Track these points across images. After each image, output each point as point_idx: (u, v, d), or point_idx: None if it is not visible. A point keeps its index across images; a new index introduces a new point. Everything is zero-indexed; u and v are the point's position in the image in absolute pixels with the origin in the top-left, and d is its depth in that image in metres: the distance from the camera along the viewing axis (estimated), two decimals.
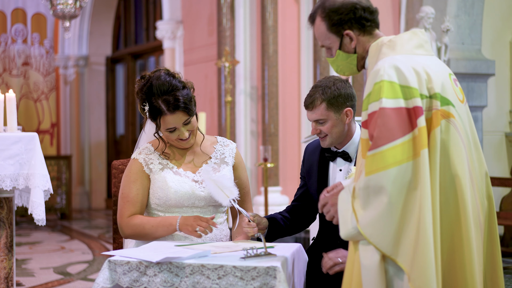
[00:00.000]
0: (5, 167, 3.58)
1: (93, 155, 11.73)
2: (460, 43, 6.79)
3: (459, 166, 2.30)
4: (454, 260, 2.29)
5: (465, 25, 6.78)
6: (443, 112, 2.32)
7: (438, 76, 2.36)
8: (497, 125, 7.32)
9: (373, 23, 2.49)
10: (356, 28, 2.48)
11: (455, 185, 2.29)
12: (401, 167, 2.21)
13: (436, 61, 2.45)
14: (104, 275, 2.56)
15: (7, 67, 10.88)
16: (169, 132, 2.98)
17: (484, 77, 6.88)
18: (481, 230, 2.37)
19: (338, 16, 2.46)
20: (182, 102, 2.94)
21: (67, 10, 7.55)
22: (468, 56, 6.77)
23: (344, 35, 2.48)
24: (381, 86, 2.29)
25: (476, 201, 2.36)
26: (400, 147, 2.23)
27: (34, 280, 5.97)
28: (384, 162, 2.21)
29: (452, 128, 2.32)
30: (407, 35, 2.46)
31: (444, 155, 2.29)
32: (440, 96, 2.33)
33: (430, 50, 2.48)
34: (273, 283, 2.40)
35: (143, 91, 3.00)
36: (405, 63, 2.33)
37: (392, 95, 2.27)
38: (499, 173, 7.25)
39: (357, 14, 2.46)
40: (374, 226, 2.22)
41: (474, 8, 6.79)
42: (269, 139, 7.46)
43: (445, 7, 6.67)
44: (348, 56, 2.52)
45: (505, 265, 6.30)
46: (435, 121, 2.29)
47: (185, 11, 9.16)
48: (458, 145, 2.32)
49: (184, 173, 3.04)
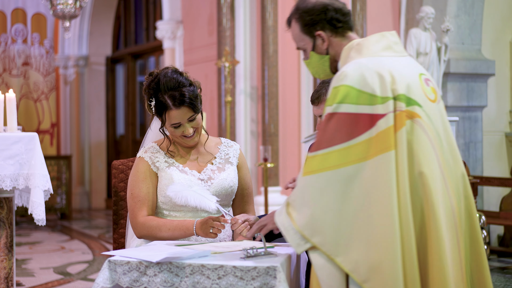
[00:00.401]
0: (5, 167, 3.59)
1: (93, 155, 11.73)
2: (460, 43, 6.79)
3: (426, 165, 2.33)
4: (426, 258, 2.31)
5: (465, 25, 6.78)
6: (408, 113, 2.35)
7: (403, 77, 2.40)
8: (497, 125, 7.32)
9: (345, 25, 2.54)
10: (328, 29, 2.53)
11: (422, 183, 2.32)
12: (341, 171, 2.29)
13: (405, 62, 2.48)
14: (104, 275, 2.56)
15: (7, 67, 10.88)
16: (174, 128, 3.00)
17: (484, 77, 6.88)
18: (456, 229, 2.37)
19: (309, 16, 2.52)
20: (188, 98, 2.97)
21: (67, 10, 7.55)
22: (468, 56, 6.77)
23: (316, 35, 2.54)
24: (338, 91, 2.35)
25: (451, 200, 2.38)
26: (344, 151, 2.30)
27: (34, 280, 5.97)
28: (322, 164, 2.30)
29: (418, 128, 2.36)
30: (374, 38, 2.51)
31: (410, 154, 2.33)
32: (404, 97, 2.36)
33: (401, 51, 2.51)
34: (273, 283, 2.40)
35: (150, 87, 3.02)
36: (368, 67, 2.38)
37: (346, 100, 2.33)
38: (499, 173, 7.25)
39: (328, 15, 2.52)
40: (311, 224, 2.31)
41: (474, 8, 6.79)
42: (269, 139, 7.46)
43: (445, 7, 6.67)
44: (321, 58, 2.57)
45: (505, 265, 6.30)
46: (399, 122, 2.33)
47: (185, 11, 9.16)
48: (424, 145, 2.35)
49: (190, 171, 3.06)
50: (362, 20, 6.85)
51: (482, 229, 5.58)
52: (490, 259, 6.54)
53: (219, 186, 3.05)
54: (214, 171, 3.09)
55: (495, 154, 7.29)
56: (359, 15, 6.83)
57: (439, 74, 6.41)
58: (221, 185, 3.06)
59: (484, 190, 7.00)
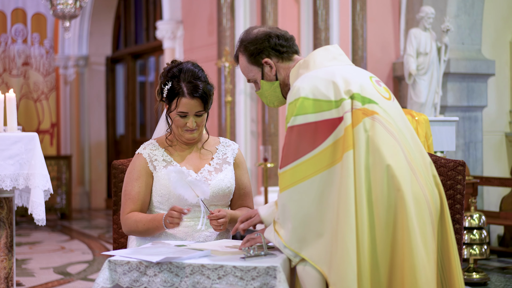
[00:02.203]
0: (5, 167, 3.59)
1: (93, 155, 11.73)
2: (460, 43, 6.79)
3: (391, 158, 2.38)
4: (396, 249, 2.35)
5: (465, 25, 6.78)
6: (365, 110, 2.42)
7: (355, 79, 2.48)
8: (497, 125, 7.32)
9: (289, 49, 2.66)
10: (273, 55, 2.65)
11: (390, 175, 2.36)
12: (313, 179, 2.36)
13: (352, 69, 2.57)
14: (104, 275, 2.56)
15: (7, 67, 10.88)
16: (180, 116, 3.02)
17: (484, 77, 6.88)
18: (431, 218, 2.42)
19: (254, 46, 2.65)
20: (203, 92, 3.00)
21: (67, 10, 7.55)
22: (468, 56, 6.78)
23: (263, 63, 2.65)
24: (294, 105, 2.44)
25: (423, 190, 2.42)
26: (312, 160, 2.37)
27: (34, 280, 5.98)
28: (294, 178, 2.37)
29: (377, 124, 2.41)
30: (318, 52, 2.62)
31: (374, 149, 2.38)
32: (359, 96, 2.44)
33: (346, 61, 2.61)
34: (273, 283, 2.40)
35: (170, 72, 3.06)
36: (319, 77, 2.47)
37: (302, 111, 2.41)
38: (499, 173, 7.25)
39: (272, 42, 2.64)
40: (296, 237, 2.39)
41: (474, 8, 6.80)
42: (269, 139, 7.46)
43: (445, 7, 6.67)
44: (271, 85, 2.67)
45: (505, 265, 6.30)
46: (356, 120, 2.40)
47: (185, 11, 9.16)
48: (386, 139, 2.41)
49: (187, 171, 3.06)
50: (362, 20, 6.85)
51: (482, 229, 5.58)
52: (490, 259, 6.54)
53: (216, 187, 3.05)
54: (211, 172, 3.09)
55: (495, 154, 7.29)
56: (359, 15, 6.83)
57: (439, 74, 6.41)
58: (218, 186, 3.05)
59: (484, 190, 7.01)
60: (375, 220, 2.34)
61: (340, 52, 2.62)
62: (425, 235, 2.36)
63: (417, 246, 2.32)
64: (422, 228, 2.36)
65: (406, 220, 2.33)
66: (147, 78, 11.34)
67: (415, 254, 2.31)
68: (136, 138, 11.34)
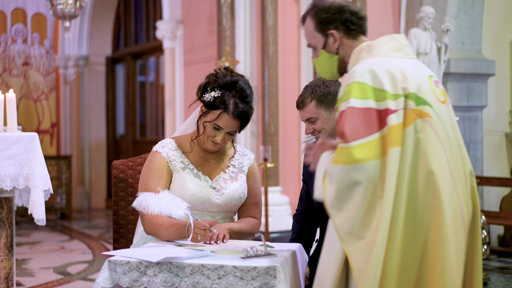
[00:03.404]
0: (5, 167, 3.59)
1: (93, 155, 11.73)
2: (460, 43, 6.79)
3: (435, 164, 2.35)
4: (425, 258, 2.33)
5: (465, 25, 6.78)
6: (418, 112, 2.38)
7: (414, 78, 2.43)
8: (497, 125, 7.32)
9: (358, 28, 2.59)
10: (341, 29, 2.57)
11: (432, 181, 2.34)
12: (366, 164, 2.30)
13: (415, 64, 2.52)
14: (104, 275, 2.56)
15: (7, 67, 10.88)
16: (213, 127, 2.98)
17: (484, 77, 6.88)
18: (464, 230, 2.40)
19: (325, 14, 2.57)
20: (245, 116, 2.98)
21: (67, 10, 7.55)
22: (468, 56, 6.77)
23: (328, 34, 2.57)
24: (351, 87, 2.38)
25: (460, 201, 2.40)
26: (368, 145, 2.31)
27: (34, 280, 5.98)
28: (351, 157, 2.30)
29: (428, 127, 2.38)
30: (384, 39, 2.56)
31: (421, 152, 2.35)
32: (415, 96, 2.39)
33: (411, 54, 2.56)
34: (273, 283, 2.40)
35: (224, 80, 2.99)
36: (379, 66, 2.42)
37: (362, 96, 2.35)
38: (499, 173, 7.25)
39: (344, 15, 2.56)
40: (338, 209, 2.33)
41: (474, 8, 6.79)
42: (269, 139, 7.46)
43: (445, 7, 6.67)
44: (330, 57, 2.60)
45: (505, 265, 6.30)
46: (408, 120, 2.36)
47: (185, 11, 9.16)
48: (434, 144, 2.37)
49: (203, 177, 3.04)
50: None
51: (482, 229, 5.58)
52: (490, 259, 6.54)
53: (229, 197, 3.05)
54: (226, 180, 3.08)
55: (495, 154, 7.29)
56: None
57: (439, 74, 6.40)
58: (231, 195, 3.05)
59: (484, 190, 7.00)
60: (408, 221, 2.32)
61: (405, 43, 2.56)
62: (458, 248, 2.35)
63: (450, 258, 2.30)
64: (456, 241, 2.35)
65: (441, 229, 2.31)
66: (147, 78, 11.34)
67: (446, 265, 2.30)
68: (136, 138, 11.34)
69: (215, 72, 3.05)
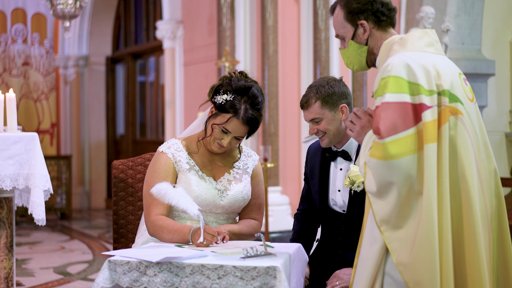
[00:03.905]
0: (5, 167, 3.59)
1: (93, 155, 11.73)
2: (460, 43, 6.79)
3: (467, 164, 2.35)
4: (463, 257, 2.33)
5: (465, 25, 6.78)
6: (452, 109, 2.37)
7: (447, 74, 2.42)
8: (497, 125, 7.32)
9: (388, 20, 2.56)
10: (371, 20, 2.54)
11: (462, 184, 2.34)
12: (402, 160, 2.27)
13: (446, 60, 2.51)
14: (104, 275, 2.56)
15: (7, 67, 10.88)
16: (221, 129, 2.99)
17: (484, 77, 6.88)
18: (488, 229, 2.40)
19: (356, 4, 2.54)
20: (255, 123, 3.00)
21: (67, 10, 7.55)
22: (468, 56, 6.77)
23: (358, 25, 2.55)
24: (386, 82, 2.35)
25: (485, 200, 2.40)
26: (403, 140, 2.29)
27: (34, 280, 5.98)
28: (387, 152, 2.28)
29: (460, 124, 2.37)
30: (418, 33, 2.52)
31: (452, 151, 2.35)
32: (449, 93, 2.38)
33: (441, 50, 2.54)
34: (273, 283, 2.40)
35: (237, 84, 2.99)
36: (414, 60, 2.39)
37: (397, 90, 2.32)
38: (499, 173, 7.23)
39: (375, 6, 2.54)
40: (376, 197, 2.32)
41: (474, 8, 6.79)
42: (269, 139, 7.46)
43: (445, 7, 6.67)
44: (359, 48, 2.57)
45: None
46: (444, 117, 2.34)
47: (185, 11, 9.16)
48: (465, 142, 2.37)
49: (208, 178, 3.04)
50: None
51: None
52: None
53: (233, 198, 3.04)
54: (230, 181, 3.07)
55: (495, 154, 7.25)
56: None
57: None
58: (235, 197, 3.05)
59: None
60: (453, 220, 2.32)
61: (436, 38, 2.55)
62: (485, 246, 2.37)
63: (482, 257, 2.32)
64: (485, 238, 2.36)
65: (473, 228, 2.32)
66: (147, 78, 11.34)
67: (480, 264, 2.31)
68: (136, 138, 11.34)
69: (230, 75, 3.03)
